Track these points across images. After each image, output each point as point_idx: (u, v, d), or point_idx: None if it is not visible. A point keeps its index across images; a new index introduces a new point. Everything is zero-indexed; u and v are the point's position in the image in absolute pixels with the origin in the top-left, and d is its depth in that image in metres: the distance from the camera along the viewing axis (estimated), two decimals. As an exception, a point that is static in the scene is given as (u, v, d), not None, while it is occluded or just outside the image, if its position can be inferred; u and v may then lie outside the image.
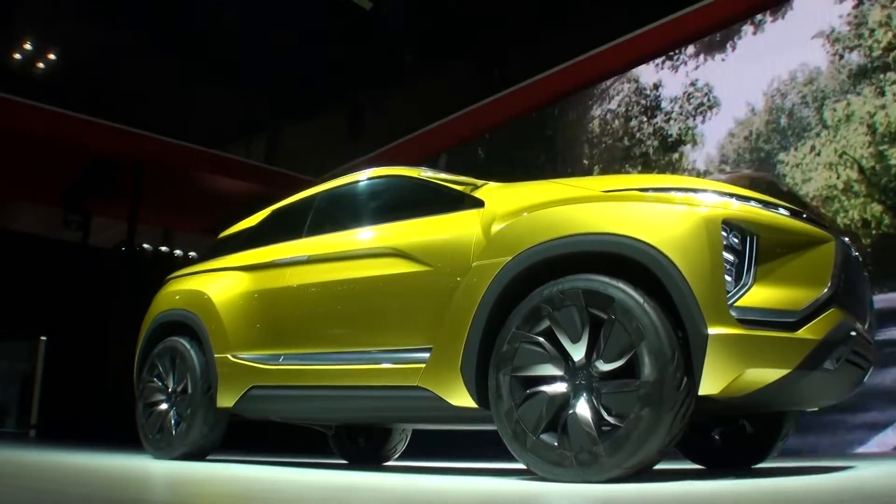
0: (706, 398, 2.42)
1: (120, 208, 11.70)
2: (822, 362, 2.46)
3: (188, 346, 4.38)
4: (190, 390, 4.28)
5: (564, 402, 2.57)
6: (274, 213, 4.66)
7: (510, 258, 2.85)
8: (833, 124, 7.36)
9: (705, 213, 2.54)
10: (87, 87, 12.59)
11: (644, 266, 2.53)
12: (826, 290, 2.55)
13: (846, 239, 3.02)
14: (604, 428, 2.46)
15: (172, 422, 4.36)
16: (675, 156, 9.03)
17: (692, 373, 2.39)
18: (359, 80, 12.06)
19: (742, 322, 2.39)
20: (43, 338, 11.89)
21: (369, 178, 4.06)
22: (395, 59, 11.64)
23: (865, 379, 3.00)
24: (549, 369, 2.63)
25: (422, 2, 10.74)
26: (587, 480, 2.44)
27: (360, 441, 5.21)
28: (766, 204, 2.70)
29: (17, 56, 12.81)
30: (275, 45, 11.30)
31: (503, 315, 2.82)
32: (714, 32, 8.53)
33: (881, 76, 7.11)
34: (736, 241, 2.51)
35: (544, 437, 2.57)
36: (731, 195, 2.67)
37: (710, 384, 2.35)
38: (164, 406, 4.46)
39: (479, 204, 3.22)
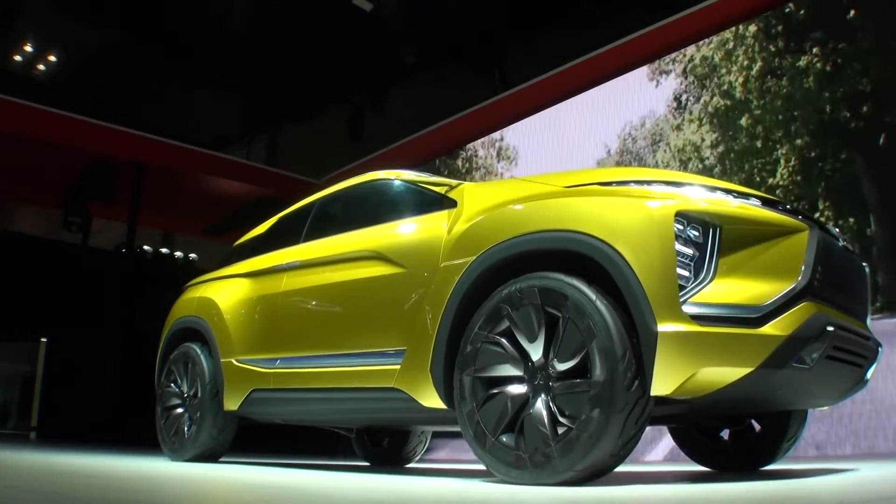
0: (665, 399, 2.33)
1: (120, 210, 11.69)
2: (790, 360, 2.31)
3: (199, 352, 4.52)
4: (199, 394, 4.39)
5: (524, 402, 2.51)
6: (279, 220, 4.78)
7: (474, 258, 2.82)
8: (664, 164, 8.00)
9: (657, 205, 2.42)
10: (87, 88, 12.64)
11: (596, 262, 2.44)
12: (796, 283, 2.40)
13: (836, 230, 2.92)
14: (558, 429, 2.38)
15: (185, 425, 4.50)
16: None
17: (646, 373, 2.28)
18: (359, 80, 12.04)
19: (697, 318, 2.26)
20: (43, 339, 11.92)
21: (359, 183, 4.12)
22: (395, 60, 11.60)
23: (868, 376, 2.87)
24: (509, 370, 2.58)
25: (422, 2, 10.70)
26: (540, 483, 2.37)
27: (383, 443, 5.23)
28: (735, 194, 2.58)
29: (18, 58, 12.87)
30: (275, 45, 11.29)
31: (469, 315, 2.79)
32: (717, 32, 8.42)
33: (694, 105, 7.81)
34: (695, 233, 2.39)
35: (503, 438, 2.51)
36: (698, 186, 2.56)
37: (662, 384, 2.24)
38: (179, 410, 4.61)
39: (452, 204, 3.22)
